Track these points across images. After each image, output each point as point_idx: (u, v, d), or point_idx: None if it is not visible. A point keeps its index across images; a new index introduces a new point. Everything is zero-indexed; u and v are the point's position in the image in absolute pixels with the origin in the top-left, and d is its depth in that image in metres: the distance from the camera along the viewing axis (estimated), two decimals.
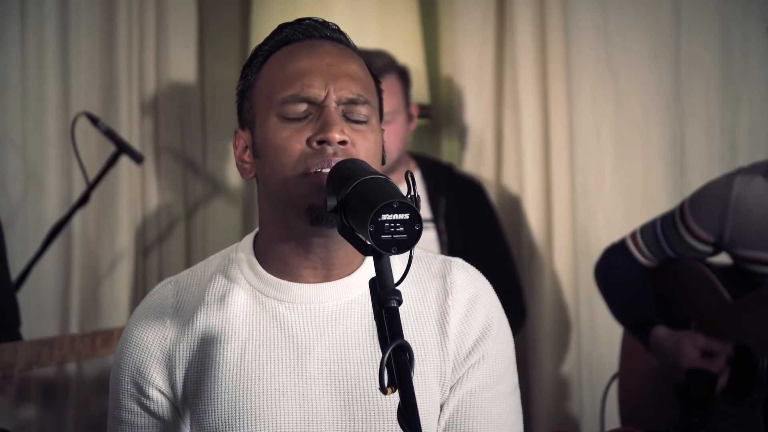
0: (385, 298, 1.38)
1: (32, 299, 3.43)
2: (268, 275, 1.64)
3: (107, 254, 3.56)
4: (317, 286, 1.63)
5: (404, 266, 1.45)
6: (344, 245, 1.57)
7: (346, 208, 1.45)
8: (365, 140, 1.59)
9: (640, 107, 3.55)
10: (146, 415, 1.64)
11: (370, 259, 1.42)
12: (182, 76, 3.67)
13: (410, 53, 3.43)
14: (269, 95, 1.61)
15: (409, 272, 1.45)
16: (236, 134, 1.67)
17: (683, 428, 2.63)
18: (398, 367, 1.33)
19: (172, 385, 1.63)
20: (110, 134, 3.26)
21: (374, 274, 1.40)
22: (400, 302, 1.38)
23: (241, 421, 1.59)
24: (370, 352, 1.61)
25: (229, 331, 1.63)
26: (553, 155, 3.52)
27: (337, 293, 1.63)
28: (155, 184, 3.65)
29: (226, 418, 1.60)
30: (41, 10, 3.52)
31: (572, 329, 3.53)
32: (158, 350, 1.64)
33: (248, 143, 1.65)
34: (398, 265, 1.50)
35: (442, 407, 1.64)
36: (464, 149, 3.65)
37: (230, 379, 1.61)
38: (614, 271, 2.94)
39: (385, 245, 1.38)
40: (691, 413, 2.63)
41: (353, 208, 1.44)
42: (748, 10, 3.49)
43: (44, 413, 3.53)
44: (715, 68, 3.51)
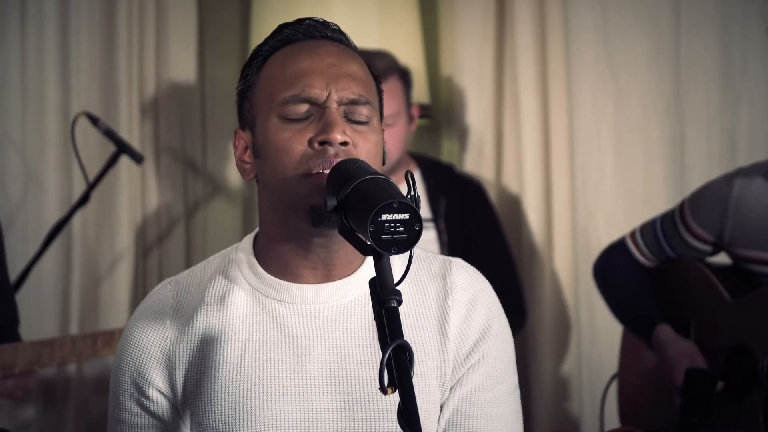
0: (385, 298, 1.37)
1: (32, 299, 3.42)
2: (268, 276, 1.64)
3: (107, 254, 3.56)
4: (317, 286, 1.62)
5: (404, 266, 1.45)
6: (344, 245, 1.57)
7: (346, 208, 1.45)
8: (366, 141, 1.59)
9: (640, 107, 3.55)
10: (146, 415, 1.64)
11: (370, 259, 1.42)
12: (182, 76, 3.67)
13: (410, 53, 3.43)
14: (270, 95, 1.61)
15: (409, 272, 1.45)
16: (236, 134, 1.67)
17: (683, 428, 2.63)
18: (398, 367, 1.32)
19: (172, 385, 1.63)
20: (110, 134, 3.26)
21: (374, 274, 1.40)
22: (400, 302, 1.37)
23: (241, 421, 1.59)
24: (370, 352, 1.61)
25: (229, 331, 1.62)
26: (553, 155, 3.52)
27: (337, 294, 1.63)
28: (155, 184, 3.64)
29: (225, 418, 1.60)
30: (41, 10, 3.51)
31: (572, 329, 3.53)
32: (158, 351, 1.64)
33: (249, 143, 1.65)
34: (398, 265, 1.50)
35: (442, 407, 1.64)
36: (464, 149, 3.65)
37: (230, 379, 1.60)
38: (614, 270, 2.94)
39: (385, 245, 1.38)
40: (691, 413, 2.63)
41: (353, 208, 1.44)
42: (748, 10, 3.49)
43: (44, 413, 3.53)
44: (715, 68, 3.51)
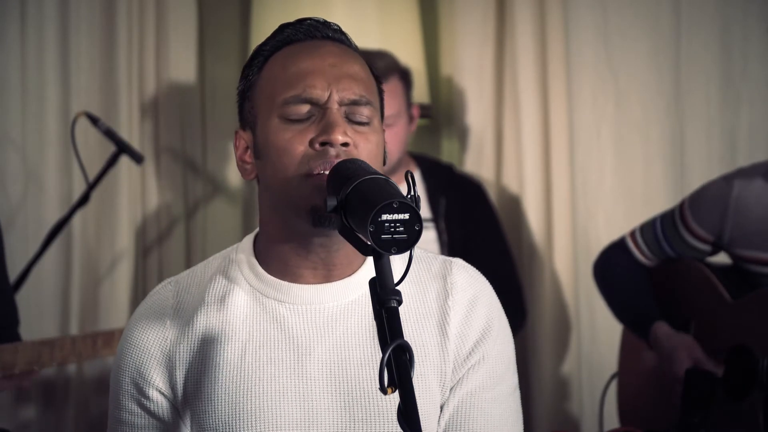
0: (385, 298, 1.37)
1: (32, 299, 3.42)
2: (268, 276, 1.64)
3: (107, 254, 3.56)
4: (317, 287, 1.62)
5: (404, 266, 1.45)
6: (345, 245, 1.57)
7: (346, 208, 1.45)
8: (367, 142, 1.59)
9: (640, 107, 3.54)
10: (146, 415, 1.64)
11: (370, 259, 1.42)
12: (182, 76, 3.66)
13: (410, 53, 3.43)
14: (271, 96, 1.60)
15: (409, 273, 1.45)
16: (237, 134, 1.67)
17: (683, 428, 2.63)
18: (398, 366, 1.32)
19: (172, 385, 1.63)
20: (110, 134, 3.26)
21: (375, 274, 1.40)
22: (400, 302, 1.37)
23: (241, 422, 1.59)
24: (370, 353, 1.61)
25: (229, 332, 1.62)
26: (553, 155, 3.52)
27: (337, 294, 1.62)
28: (155, 184, 3.64)
29: (226, 419, 1.60)
30: (41, 10, 3.51)
31: (572, 329, 3.53)
32: (158, 351, 1.64)
33: (249, 144, 1.65)
34: (399, 265, 1.50)
35: (442, 408, 1.64)
36: (464, 149, 3.65)
37: (230, 379, 1.60)
38: (614, 269, 2.94)
39: (385, 245, 1.38)
40: (691, 413, 2.63)
41: (353, 208, 1.44)
42: (748, 10, 3.49)
43: (44, 413, 3.53)
44: (715, 68, 3.51)
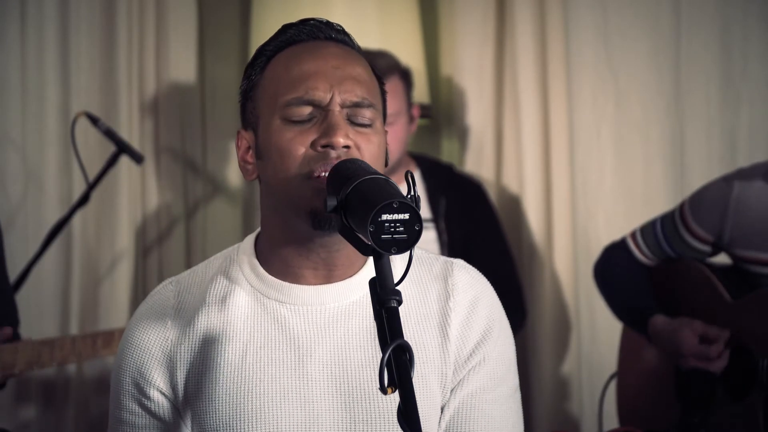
0: (385, 298, 1.37)
1: (32, 299, 3.42)
2: (269, 276, 1.64)
3: (107, 254, 3.56)
4: (318, 287, 1.62)
5: (405, 266, 1.45)
6: (345, 246, 1.56)
7: (346, 208, 1.44)
8: (369, 144, 1.59)
9: (640, 107, 3.54)
10: (147, 415, 1.64)
11: (371, 260, 1.42)
12: (182, 76, 3.66)
13: (410, 53, 3.43)
14: (273, 97, 1.60)
15: (410, 273, 1.45)
16: (239, 134, 1.67)
17: (683, 428, 2.63)
18: (398, 367, 1.32)
19: (173, 386, 1.63)
20: (110, 134, 3.26)
21: (375, 275, 1.40)
22: (400, 302, 1.37)
23: (241, 422, 1.59)
24: (371, 354, 1.61)
25: (230, 332, 1.62)
26: (553, 155, 3.52)
27: (338, 295, 1.62)
28: (155, 184, 3.64)
29: (226, 419, 1.60)
30: (41, 10, 3.51)
31: (572, 329, 3.53)
32: (159, 351, 1.64)
33: (251, 144, 1.64)
34: (399, 265, 1.50)
35: (442, 409, 1.64)
36: (464, 149, 3.65)
37: (231, 380, 1.60)
38: (614, 269, 2.94)
39: (385, 245, 1.38)
40: (691, 413, 2.63)
41: (353, 208, 1.43)
42: (748, 10, 3.49)
43: (44, 413, 3.53)
44: (715, 68, 3.51)
